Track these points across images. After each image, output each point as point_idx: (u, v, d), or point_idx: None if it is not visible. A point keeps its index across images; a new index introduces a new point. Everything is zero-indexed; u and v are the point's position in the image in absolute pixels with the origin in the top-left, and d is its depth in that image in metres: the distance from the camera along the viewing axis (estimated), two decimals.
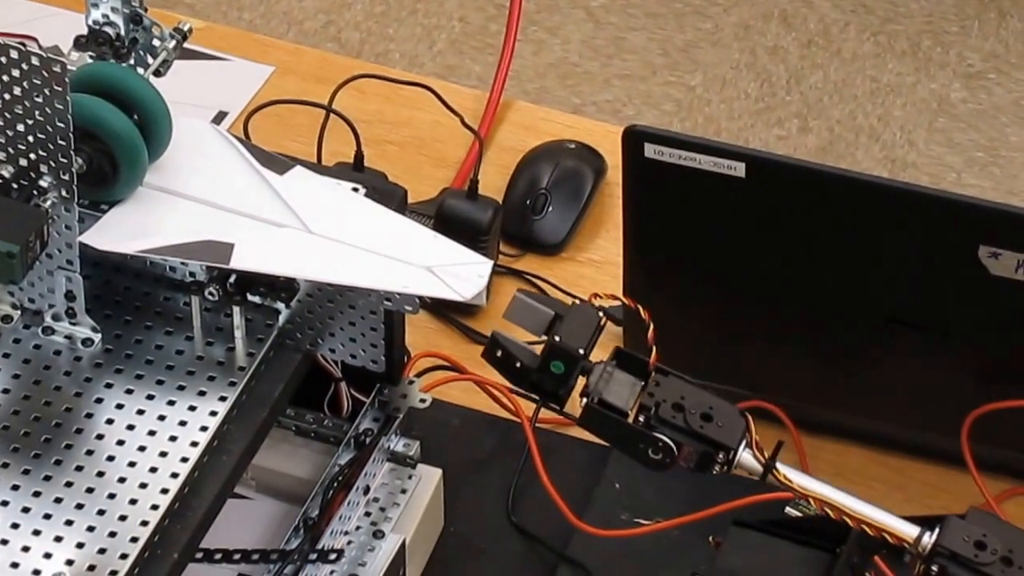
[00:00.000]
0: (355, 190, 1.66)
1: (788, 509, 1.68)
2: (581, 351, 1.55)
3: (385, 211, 1.66)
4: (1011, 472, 1.78)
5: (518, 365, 1.56)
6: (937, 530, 1.52)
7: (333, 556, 1.68)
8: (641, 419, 1.54)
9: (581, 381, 1.55)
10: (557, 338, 1.55)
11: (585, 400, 1.55)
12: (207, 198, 1.63)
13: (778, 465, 1.55)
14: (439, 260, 1.60)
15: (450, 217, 1.97)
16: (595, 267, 1.73)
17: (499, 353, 1.56)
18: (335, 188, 1.65)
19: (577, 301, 1.57)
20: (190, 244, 1.60)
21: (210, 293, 1.61)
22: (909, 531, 1.54)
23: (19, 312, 1.63)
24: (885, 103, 3.45)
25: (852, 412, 1.81)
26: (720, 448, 1.55)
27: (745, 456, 1.56)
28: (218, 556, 1.64)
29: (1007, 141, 3.40)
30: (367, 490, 1.73)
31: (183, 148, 1.68)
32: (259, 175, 1.65)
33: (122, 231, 1.61)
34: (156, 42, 1.69)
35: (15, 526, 1.50)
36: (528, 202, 2.03)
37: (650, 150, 1.74)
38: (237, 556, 1.66)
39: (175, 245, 1.60)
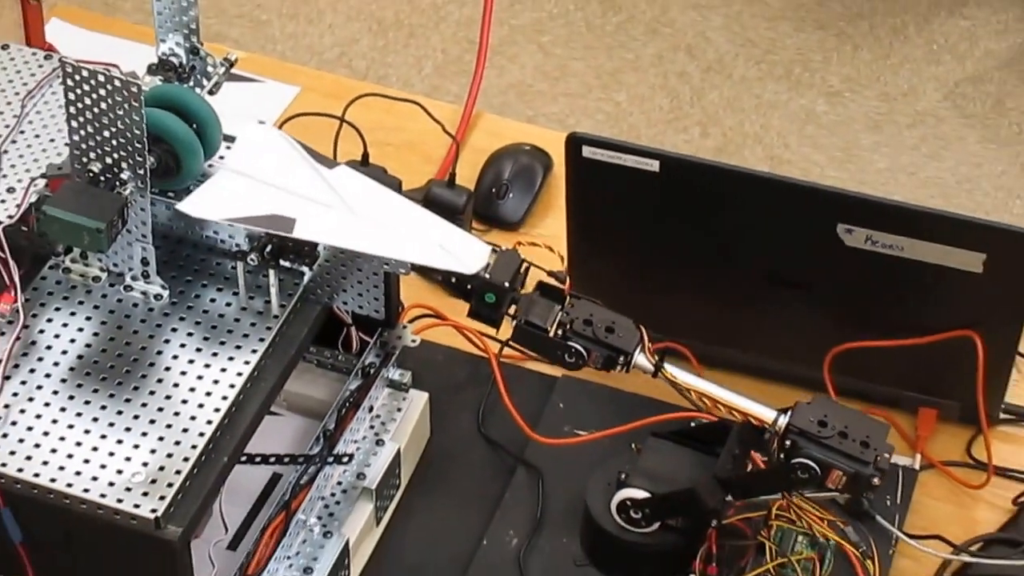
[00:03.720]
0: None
1: (692, 424, 1.69)
2: (506, 284, 1.57)
3: (409, 202, 1.66)
4: (860, 396, 1.77)
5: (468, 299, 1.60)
6: (789, 413, 1.53)
7: (345, 459, 1.69)
8: (559, 332, 1.56)
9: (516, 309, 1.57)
10: (487, 275, 1.57)
11: (514, 322, 1.57)
12: (275, 182, 1.63)
13: (665, 365, 1.57)
14: (451, 241, 1.61)
15: (434, 201, 1.98)
16: (545, 239, 1.73)
17: (466, 287, 1.59)
18: (370, 183, 1.66)
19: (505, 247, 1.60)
20: (261, 216, 1.60)
21: (251, 259, 1.61)
22: (768, 414, 1.55)
23: (106, 274, 1.62)
24: (766, 115, 3.45)
25: (741, 350, 1.81)
26: (620, 352, 1.56)
27: (640, 359, 1.57)
28: (258, 459, 1.65)
29: (859, 143, 3.40)
30: (371, 409, 1.74)
31: (257, 144, 1.69)
32: (314, 169, 1.65)
33: (209, 203, 1.61)
34: (210, 68, 1.69)
35: (103, 436, 1.50)
36: (493, 190, 2.03)
37: (587, 151, 1.75)
38: (272, 459, 1.67)
39: (250, 216, 1.61)
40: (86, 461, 1.48)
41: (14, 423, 1.51)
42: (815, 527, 1.65)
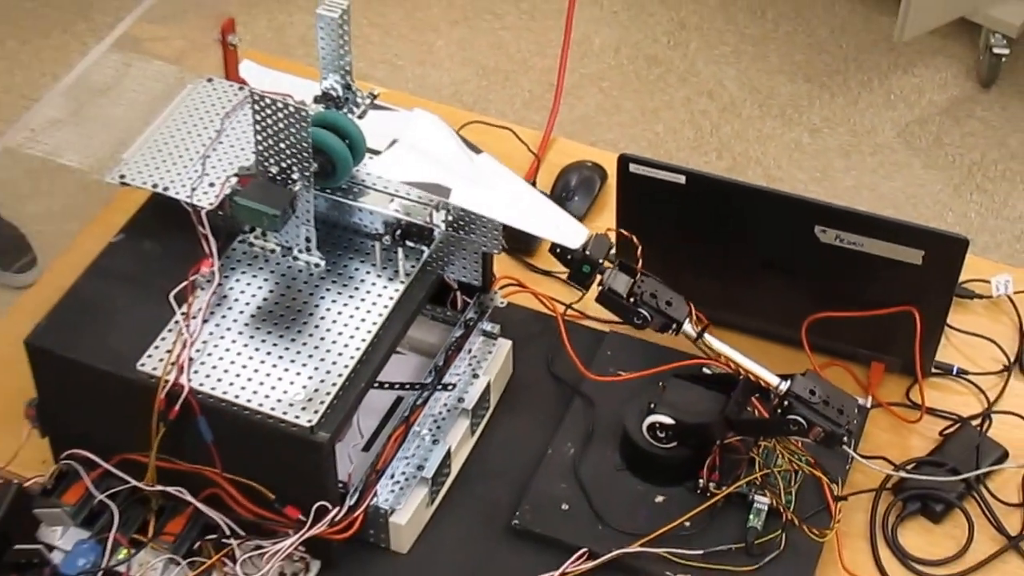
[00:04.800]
0: None
1: (704, 370, 1.68)
2: (600, 260, 1.58)
3: (533, 189, 1.68)
4: (828, 352, 1.77)
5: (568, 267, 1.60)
6: (789, 381, 1.53)
7: (450, 387, 1.69)
8: (632, 300, 1.56)
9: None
10: (586, 252, 1.58)
11: (600, 288, 1.58)
12: (437, 157, 1.64)
13: (705, 335, 1.58)
14: (562, 221, 1.62)
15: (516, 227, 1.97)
16: (600, 231, 1.72)
17: (568, 258, 1.60)
18: (505, 170, 1.66)
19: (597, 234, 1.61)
20: (425, 183, 1.61)
21: (385, 240, 1.62)
22: (773, 379, 1.55)
23: (279, 248, 1.63)
24: (764, 144, 3.43)
25: (742, 316, 1.80)
26: (674, 321, 1.57)
27: (687, 327, 1.58)
28: (386, 385, 1.66)
29: (833, 167, 3.38)
30: (469, 351, 1.74)
31: (424, 129, 1.69)
32: (465, 152, 1.66)
33: (390, 167, 1.63)
34: (359, 100, 1.70)
35: (274, 366, 1.51)
36: (563, 194, 2.01)
37: (632, 167, 1.74)
38: (397, 386, 1.67)
39: (417, 181, 1.62)
40: (260, 383, 1.50)
41: (209, 355, 1.52)
42: (793, 447, 1.64)
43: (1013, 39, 3.46)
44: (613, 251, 1.60)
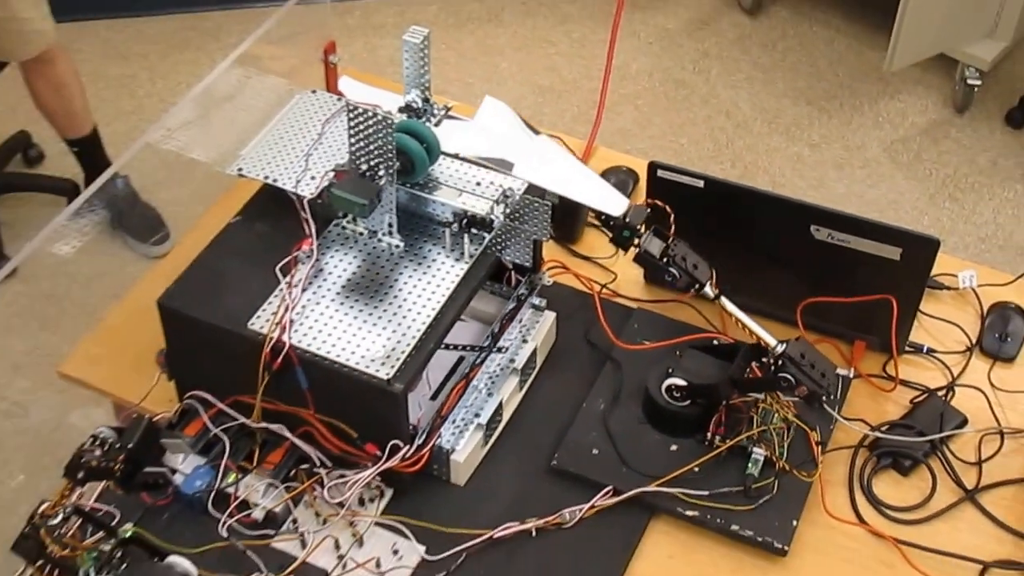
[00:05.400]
0: None
1: (714, 342, 1.67)
2: (638, 226, 1.59)
3: (585, 167, 1.68)
4: (819, 331, 1.75)
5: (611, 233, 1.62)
6: (785, 344, 1.53)
7: (503, 350, 1.69)
8: (664, 260, 1.58)
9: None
10: (627, 219, 1.59)
11: (637, 250, 1.59)
12: (503, 136, 1.64)
13: (721, 298, 1.59)
14: (608, 193, 1.63)
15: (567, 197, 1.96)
16: None
17: (611, 224, 1.61)
18: (561, 149, 1.67)
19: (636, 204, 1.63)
20: (492, 158, 1.62)
21: (453, 227, 1.61)
22: (772, 341, 1.55)
23: (367, 231, 1.64)
24: (771, 156, 3.40)
25: (748, 299, 1.78)
26: (697, 282, 1.58)
27: (707, 289, 1.58)
28: (451, 347, 1.65)
29: (828, 176, 3.35)
30: (520, 320, 1.73)
31: (493, 113, 1.71)
32: (527, 132, 1.66)
33: (463, 145, 1.65)
34: (435, 111, 1.70)
35: (359, 328, 1.52)
36: None
37: (660, 172, 1.73)
38: (460, 347, 1.67)
39: (485, 157, 1.63)
40: (348, 342, 1.50)
41: (307, 317, 1.53)
42: (786, 409, 1.63)
43: (985, 72, 3.45)
44: (647, 217, 1.61)
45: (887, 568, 1.55)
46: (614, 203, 1.61)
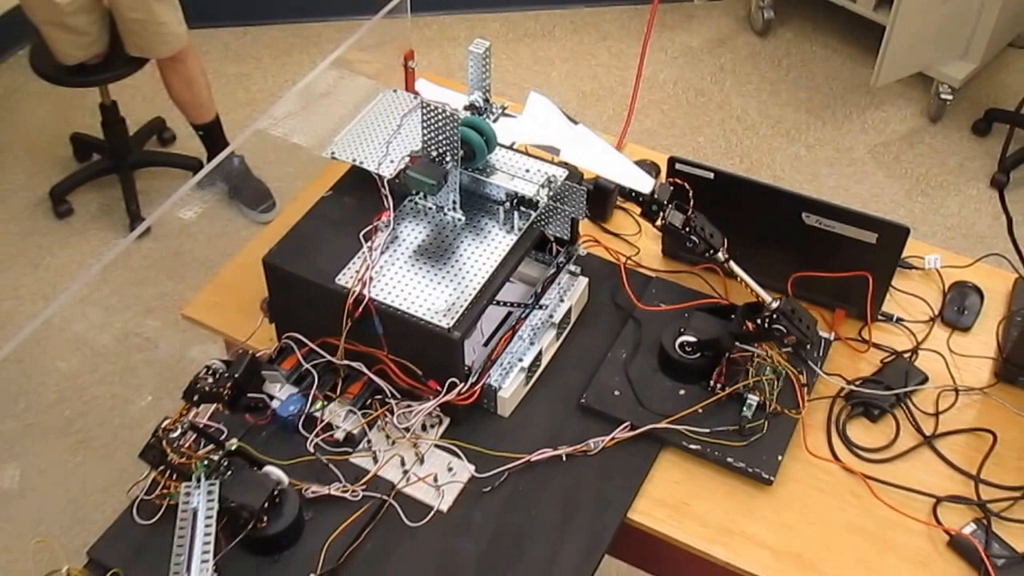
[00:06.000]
0: None
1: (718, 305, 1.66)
2: (664, 202, 1.57)
3: (618, 152, 1.66)
4: (806, 300, 1.73)
5: (641, 206, 1.61)
6: (779, 301, 1.51)
7: (544, 307, 1.68)
8: (686, 229, 1.56)
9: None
10: (654, 195, 1.57)
11: (661, 221, 1.58)
12: (550, 125, 1.64)
13: (730, 262, 1.57)
14: (638, 174, 1.62)
15: (601, 187, 1.92)
16: None
17: (641, 200, 1.59)
18: (597, 138, 1.65)
19: (661, 181, 1.61)
20: (542, 145, 1.62)
21: (506, 206, 1.61)
22: (768, 298, 1.53)
23: (435, 207, 1.64)
24: (772, 154, 3.36)
25: (752, 272, 1.77)
26: (712, 247, 1.57)
27: (719, 255, 1.57)
28: (501, 303, 1.65)
29: (820, 173, 3.31)
30: (559, 284, 1.72)
31: (539, 106, 1.70)
32: (569, 123, 1.65)
33: (515, 132, 1.64)
34: (494, 109, 1.69)
35: (427, 285, 1.51)
36: None
37: (678, 165, 1.71)
38: (509, 304, 1.67)
39: (537, 144, 1.63)
40: (417, 297, 1.51)
41: (384, 275, 1.53)
42: (778, 360, 1.62)
43: (956, 88, 3.40)
44: (672, 194, 1.60)
45: (855, 498, 1.55)
46: (644, 182, 1.61)
